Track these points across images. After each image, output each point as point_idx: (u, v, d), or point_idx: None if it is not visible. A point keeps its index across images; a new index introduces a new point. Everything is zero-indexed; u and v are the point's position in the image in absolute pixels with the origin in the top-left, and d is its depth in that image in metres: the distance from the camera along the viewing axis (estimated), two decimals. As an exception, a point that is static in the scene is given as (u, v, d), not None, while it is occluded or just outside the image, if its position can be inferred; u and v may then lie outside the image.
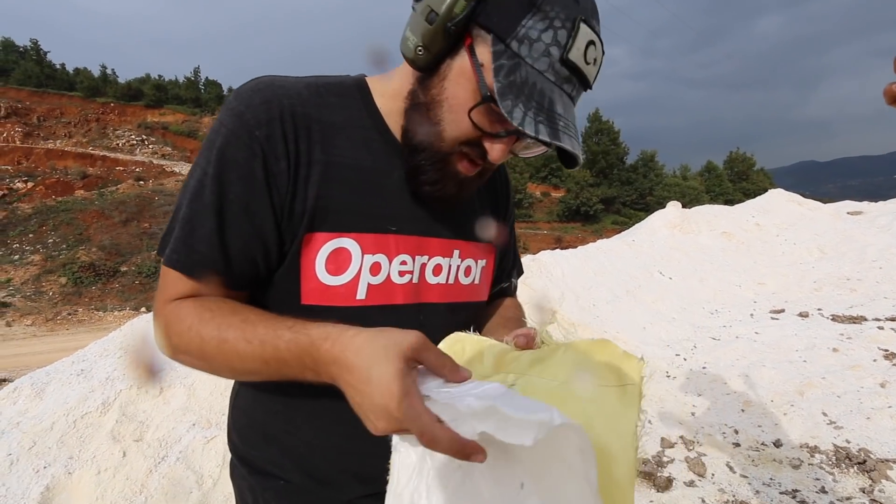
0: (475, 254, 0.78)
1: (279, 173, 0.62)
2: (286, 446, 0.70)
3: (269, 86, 0.64)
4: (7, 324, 15.34)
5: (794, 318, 4.22)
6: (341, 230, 0.64)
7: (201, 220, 0.61)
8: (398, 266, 0.68)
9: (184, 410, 2.33)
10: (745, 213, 6.71)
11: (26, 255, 20.17)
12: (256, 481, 0.72)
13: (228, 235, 0.62)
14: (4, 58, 43.14)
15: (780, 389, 3.02)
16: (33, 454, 2.02)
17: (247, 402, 0.75)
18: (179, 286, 0.62)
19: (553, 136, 0.56)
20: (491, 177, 0.83)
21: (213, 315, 0.60)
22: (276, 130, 0.62)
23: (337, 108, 0.67)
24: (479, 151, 0.63)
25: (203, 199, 0.61)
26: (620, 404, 0.53)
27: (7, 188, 25.47)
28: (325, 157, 0.65)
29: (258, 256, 0.64)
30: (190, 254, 0.61)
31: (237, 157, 0.61)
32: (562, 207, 41.15)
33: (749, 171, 50.30)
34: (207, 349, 0.58)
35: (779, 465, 2.37)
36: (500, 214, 0.86)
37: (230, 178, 0.61)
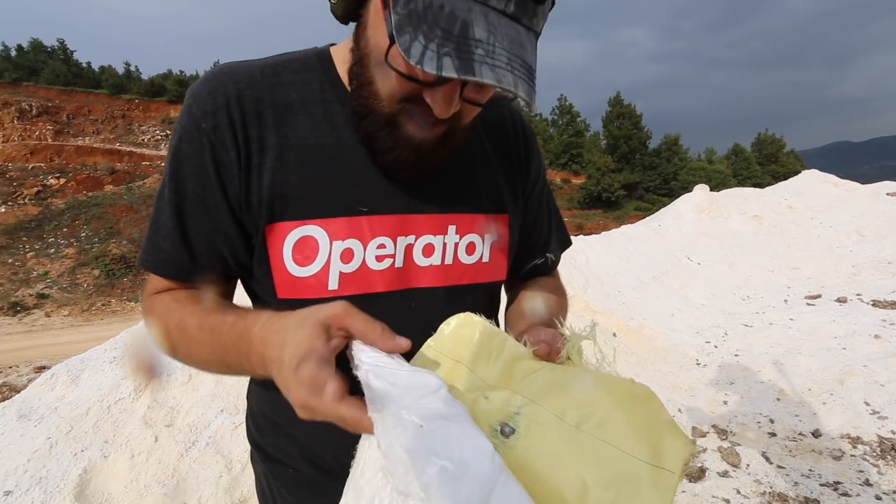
0: (480, 227, 0.67)
1: (229, 164, 0.59)
2: (292, 435, 0.68)
3: (216, 74, 0.61)
4: (46, 314, 16.04)
5: (831, 303, 4.05)
6: (304, 217, 0.59)
7: (163, 219, 0.61)
8: (375, 251, 0.61)
9: (212, 397, 2.37)
10: (778, 195, 6.45)
11: (61, 249, 20.97)
12: (268, 468, 0.71)
13: (190, 232, 0.61)
14: (34, 58, 44.49)
15: (819, 378, 2.90)
16: (71, 438, 2.08)
17: (258, 390, 0.73)
18: (154, 282, 0.64)
19: (464, 69, 0.44)
20: (504, 133, 0.73)
21: (179, 306, 0.60)
22: (222, 120, 0.58)
23: (294, 86, 0.62)
24: (424, 107, 0.53)
25: (164, 198, 0.61)
26: (649, 488, 0.41)
27: (41, 185, 26.45)
28: (280, 140, 0.59)
29: (224, 251, 0.62)
30: (156, 252, 0.62)
31: (189, 152, 0.59)
32: (582, 194, 40.48)
33: (779, 154, 48.52)
34: (172, 338, 0.59)
35: (818, 456, 2.28)
36: (517, 176, 0.73)
37: (185, 175, 0.60)
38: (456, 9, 0.45)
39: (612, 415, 0.44)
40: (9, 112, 33.82)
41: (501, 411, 0.47)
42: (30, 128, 33.52)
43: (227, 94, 0.59)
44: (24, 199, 25.18)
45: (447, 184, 0.65)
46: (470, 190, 0.67)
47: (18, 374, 8.09)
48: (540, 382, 0.48)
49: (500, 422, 0.46)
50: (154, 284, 0.64)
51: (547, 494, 0.41)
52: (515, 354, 0.52)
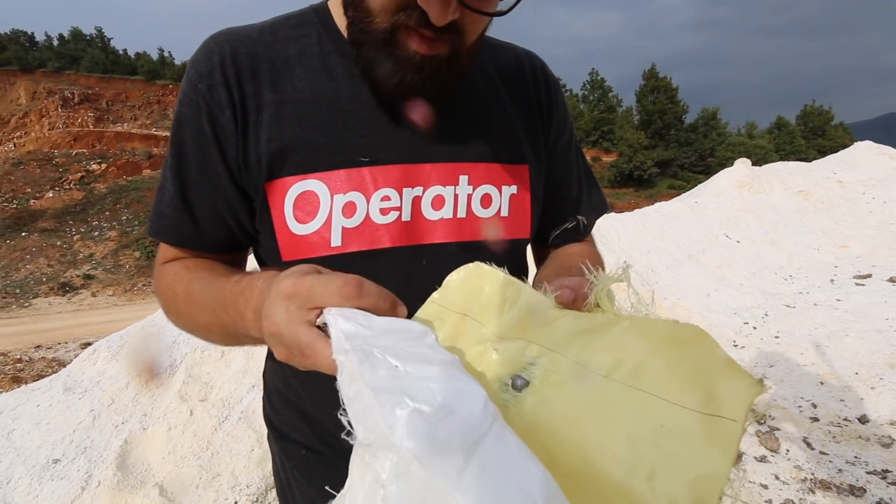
0: (496, 178, 0.62)
1: (225, 123, 0.57)
2: (304, 412, 0.67)
3: (213, 37, 0.60)
4: (92, 294, 16.97)
5: (883, 283, 3.80)
6: (304, 171, 0.57)
7: (167, 186, 0.61)
8: (379, 203, 0.57)
9: (244, 373, 2.43)
10: (826, 169, 6.06)
11: (104, 232, 22.02)
12: (282, 448, 0.70)
13: (191, 197, 0.60)
14: (74, 47, 46.10)
15: (867, 361, 2.74)
16: (112, 411, 2.18)
17: (271, 369, 0.73)
18: (163, 252, 0.64)
19: None
20: (523, 80, 0.69)
21: (188, 272, 0.60)
22: (216, 79, 0.57)
23: (291, 41, 0.60)
24: (420, 17, 0.49)
25: (167, 165, 0.61)
26: (703, 442, 0.31)
27: (84, 170, 27.68)
28: (277, 95, 0.58)
29: (226, 215, 0.61)
30: (160, 219, 0.61)
31: (188, 115, 0.59)
32: (613, 172, 39.34)
33: (826, 127, 45.70)
34: (179, 304, 0.59)
35: (865, 443, 2.17)
36: (538, 125, 0.68)
37: (184, 139, 0.59)
38: None
39: (651, 360, 0.35)
40: (53, 100, 35.36)
41: (514, 363, 0.40)
42: (72, 115, 35.03)
43: (222, 53, 0.58)
44: (69, 184, 26.47)
45: (457, 131, 0.61)
46: (483, 138, 0.63)
47: (66, 350, 8.60)
48: (561, 330, 0.40)
49: (511, 374, 0.39)
50: (163, 254, 0.64)
51: (566, 456, 0.34)
52: (533, 304, 0.43)
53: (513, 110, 0.66)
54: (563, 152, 0.72)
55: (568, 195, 0.72)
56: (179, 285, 0.59)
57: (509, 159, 0.64)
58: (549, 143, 0.69)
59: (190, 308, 0.58)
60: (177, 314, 0.61)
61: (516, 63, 0.70)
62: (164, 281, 0.62)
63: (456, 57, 0.54)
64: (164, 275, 0.62)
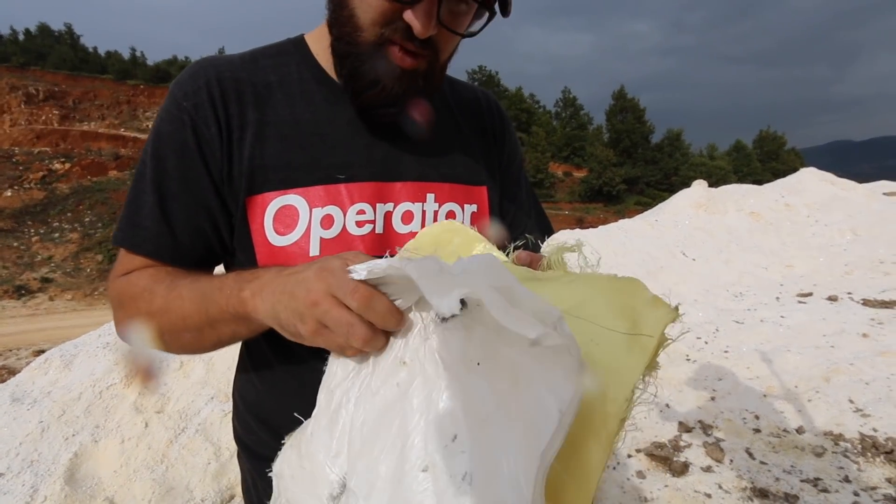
0: (459, 197, 0.70)
1: (211, 139, 0.61)
2: (277, 427, 0.67)
3: (199, 62, 0.65)
4: (50, 298, 16.19)
5: (822, 301, 4.05)
6: (284, 187, 0.61)
7: (144, 198, 0.61)
8: (355, 216, 0.63)
9: (202, 384, 2.40)
10: (775, 192, 6.42)
11: (65, 234, 21.08)
12: (253, 466, 0.71)
13: (171, 209, 0.61)
14: (41, 42, 44.34)
15: (806, 375, 2.92)
16: (63, 422, 2.12)
17: (242, 386, 0.74)
18: (127, 262, 0.63)
19: None
20: (478, 112, 0.77)
21: (167, 274, 0.60)
22: (202, 98, 0.61)
23: (272, 69, 0.65)
24: (405, 31, 0.56)
25: (144, 177, 0.61)
26: (624, 352, 0.41)
27: (47, 169, 26.49)
28: (259, 116, 0.62)
29: (206, 227, 0.62)
30: (136, 231, 0.61)
31: (169, 130, 0.61)
32: (584, 187, 40.41)
33: (780, 151, 48.43)
34: (156, 301, 0.58)
35: (801, 453, 2.31)
36: (493, 152, 0.76)
37: (165, 153, 0.61)
38: None
39: (591, 299, 0.44)
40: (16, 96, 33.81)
41: None
42: (36, 112, 33.56)
43: (208, 75, 0.62)
44: (29, 183, 25.28)
45: (425, 154, 0.68)
46: (447, 161, 0.70)
47: (18, 357, 8.18)
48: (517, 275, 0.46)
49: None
50: (127, 264, 0.63)
51: None
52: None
53: (471, 138, 0.74)
54: (515, 179, 0.80)
55: (518, 217, 0.80)
56: (160, 287, 0.58)
57: (470, 181, 0.71)
58: (501, 168, 0.77)
59: (171, 306, 0.57)
60: (149, 313, 0.59)
61: (474, 98, 0.79)
62: (135, 286, 0.60)
63: (431, 73, 0.61)
64: (133, 280, 0.61)
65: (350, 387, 0.44)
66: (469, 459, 0.36)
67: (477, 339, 0.39)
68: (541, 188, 37.61)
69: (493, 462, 0.36)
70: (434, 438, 0.37)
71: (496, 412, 0.37)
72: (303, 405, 0.65)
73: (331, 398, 0.44)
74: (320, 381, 0.65)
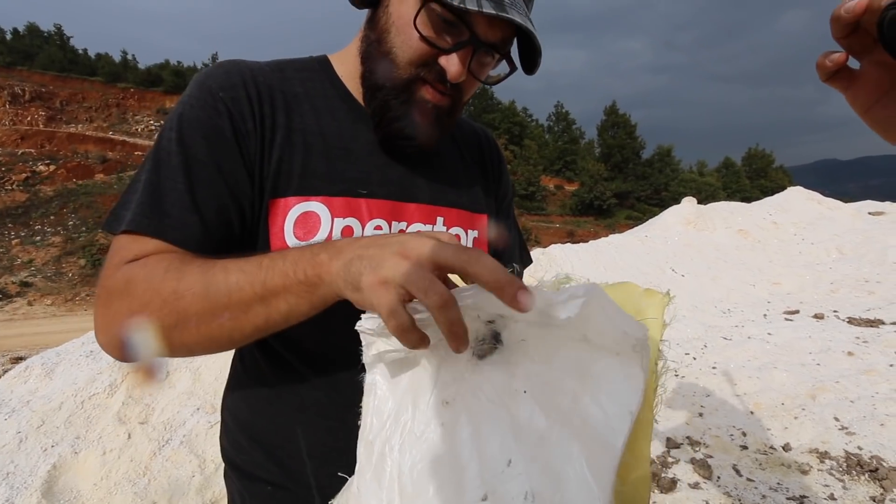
0: (464, 222, 0.74)
1: (248, 133, 0.61)
2: (271, 447, 0.67)
3: (230, 62, 0.66)
4: (28, 303, 15.83)
5: (808, 319, 4.12)
6: (308, 193, 0.62)
7: (170, 184, 0.57)
8: (372, 231, 0.65)
9: (188, 395, 2.36)
10: (763, 210, 6.55)
11: (47, 237, 20.70)
12: (244, 486, 0.69)
13: (202, 196, 0.58)
14: (29, 42, 43.93)
15: (792, 392, 2.95)
16: (41, 433, 2.06)
17: (234, 404, 0.72)
18: (139, 247, 0.55)
19: (498, 8, 0.56)
20: (477, 146, 0.82)
21: (195, 256, 0.55)
22: (240, 93, 0.61)
23: (298, 81, 0.67)
24: (437, 72, 0.61)
25: (169, 163, 0.58)
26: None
27: (30, 171, 26.09)
28: (289, 122, 0.64)
29: (234, 217, 0.60)
30: (161, 218, 0.56)
31: (201, 117, 0.59)
32: (575, 201, 40.81)
33: (768, 169, 49.53)
34: (188, 280, 0.50)
35: (787, 470, 2.32)
36: (490, 186, 0.82)
37: (196, 139, 0.58)
38: None
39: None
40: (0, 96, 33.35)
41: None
42: (21, 113, 33.13)
43: (243, 75, 0.63)
44: (11, 184, 24.84)
45: (435, 180, 0.71)
46: (455, 188, 0.74)
47: (-4, 363, 7.96)
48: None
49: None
50: (135, 251, 0.55)
51: None
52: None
53: (473, 169, 0.79)
54: (506, 212, 0.85)
55: (507, 247, 0.84)
56: (190, 265, 0.52)
57: (473, 208, 0.76)
58: (497, 199, 0.83)
59: (214, 276, 0.50)
60: (171, 296, 0.50)
61: (473, 132, 0.84)
62: (152, 268, 0.52)
63: (454, 109, 0.66)
64: (151, 263, 0.53)
65: (390, 435, 0.44)
66: (528, 479, 0.39)
67: (521, 371, 0.42)
68: (532, 201, 37.92)
69: (556, 475, 0.39)
70: (489, 467, 0.40)
71: (551, 430, 0.40)
72: (302, 426, 0.65)
73: (371, 450, 0.45)
74: (319, 401, 0.65)
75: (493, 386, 0.42)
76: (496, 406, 0.42)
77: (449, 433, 0.42)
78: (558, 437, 0.40)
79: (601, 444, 0.40)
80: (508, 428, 0.41)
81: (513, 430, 0.41)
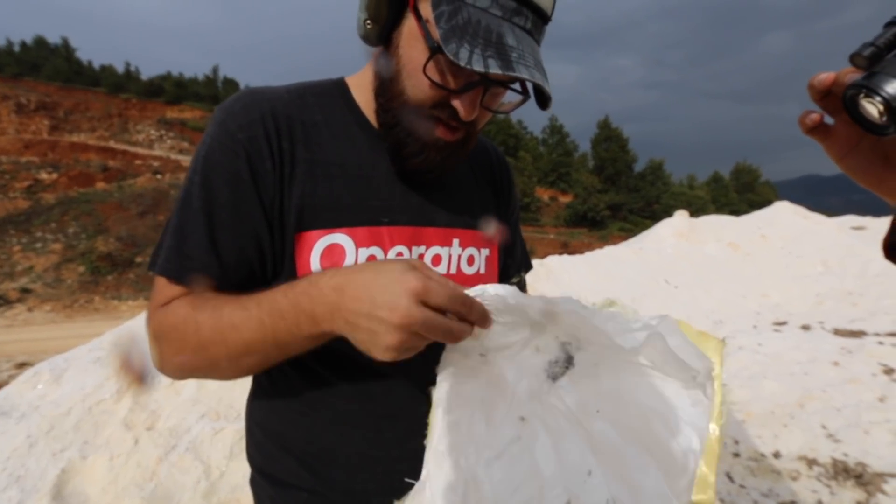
0: (477, 242, 0.75)
1: (265, 173, 0.62)
2: (305, 456, 0.68)
3: (249, 93, 0.66)
4: (28, 309, 15.73)
5: (796, 330, 4.20)
6: (332, 226, 0.63)
7: (192, 227, 0.61)
8: (394, 258, 0.66)
9: (194, 402, 2.41)
10: (752, 224, 6.66)
11: (48, 244, 20.63)
12: (276, 493, 0.69)
13: (221, 240, 0.61)
14: (36, 54, 44.12)
15: (782, 401, 3.02)
16: (51, 438, 2.10)
17: (263, 415, 0.72)
18: (170, 293, 0.61)
19: (505, 67, 0.55)
20: (489, 165, 0.84)
21: (206, 300, 0.59)
22: (258, 131, 0.62)
23: (317, 108, 0.68)
24: (450, 112, 0.62)
25: (192, 206, 0.61)
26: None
27: (33, 179, 26.04)
28: (309, 155, 0.65)
29: (253, 259, 0.63)
30: (183, 261, 0.60)
31: (221, 160, 0.61)
32: (569, 212, 41.04)
33: (755, 183, 50.18)
34: (203, 332, 0.57)
35: (777, 477, 2.39)
36: (500, 204, 0.84)
37: (217, 184, 0.61)
38: (490, 24, 0.56)
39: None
40: (6, 105, 33.43)
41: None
42: (26, 122, 33.19)
43: (262, 109, 0.63)
44: (14, 192, 24.79)
45: (450, 202, 0.73)
46: (468, 209, 0.76)
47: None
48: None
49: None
50: (166, 294, 0.62)
51: None
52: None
53: (485, 188, 0.81)
54: (514, 225, 0.88)
55: (514, 259, 0.88)
56: (202, 315, 0.57)
57: (485, 228, 0.77)
58: (507, 217, 0.85)
59: (221, 331, 0.56)
60: (197, 344, 0.58)
61: (485, 152, 0.85)
62: (177, 315, 0.59)
63: (468, 141, 0.68)
64: (173, 309, 0.60)
65: (465, 446, 0.48)
66: (608, 488, 0.44)
67: (593, 392, 0.47)
68: (527, 212, 38.06)
69: (635, 487, 0.44)
70: (570, 477, 0.44)
71: (626, 446, 0.45)
72: (337, 437, 0.68)
73: (442, 459, 0.47)
74: (354, 411, 0.66)
75: (567, 405, 0.47)
76: (572, 423, 0.46)
77: (528, 446, 0.46)
78: (634, 453, 0.45)
79: (675, 463, 0.44)
80: (586, 443, 0.45)
81: (590, 444, 0.45)
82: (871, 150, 0.45)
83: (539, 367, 0.52)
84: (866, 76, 0.39)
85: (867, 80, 0.38)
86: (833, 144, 0.47)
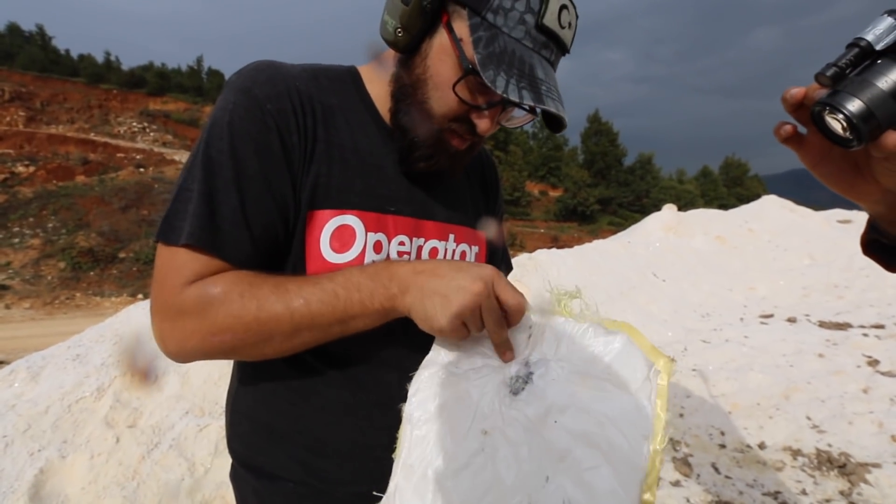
0: (469, 239, 0.79)
1: (293, 147, 0.62)
2: (294, 446, 0.67)
3: (270, 65, 0.65)
4: (6, 306, 15.35)
5: (782, 323, 4.26)
6: (345, 207, 0.65)
7: (223, 197, 0.58)
8: (397, 246, 0.69)
9: (177, 398, 2.36)
10: (739, 218, 6.74)
11: (26, 239, 20.13)
12: (263, 485, 0.68)
13: (252, 212, 0.60)
14: (9, 42, 42.86)
15: (767, 393, 3.06)
16: (28, 437, 2.05)
17: (248, 406, 0.71)
18: (198, 266, 0.58)
19: (537, 99, 0.59)
20: (479, 165, 0.88)
21: (259, 276, 0.59)
22: (286, 105, 0.62)
23: (332, 91, 0.68)
24: (468, 126, 0.65)
25: (219, 176, 0.58)
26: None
27: (9, 172, 25.34)
28: (327, 135, 0.66)
29: (280, 234, 0.63)
30: (215, 232, 0.58)
31: (250, 129, 0.60)
32: (559, 206, 41.22)
33: (743, 177, 50.79)
34: (266, 306, 0.56)
35: (763, 467, 2.42)
36: (489, 203, 0.88)
37: (247, 153, 0.59)
38: (523, 55, 0.60)
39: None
40: (-22, 96, 32.46)
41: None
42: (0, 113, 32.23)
43: (287, 83, 0.63)
44: (-12, 186, 24.10)
45: (448, 200, 0.77)
46: (463, 207, 0.80)
47: (-29, 369, 7.71)
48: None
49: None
50: (195, 269, 0.58)
51: None
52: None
53: (475, 187, 0.86)
54: (500, 225, 0.91)
55: (498, 257, 0.91)
56: (261, 289, 0.57)
57: (477, 225, 0.82)
58: (493, 216, 0.89)
59: (289, 304, 0.57)
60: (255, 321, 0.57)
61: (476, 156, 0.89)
62: (228, 291, 0.57)
63: (474, 148, 0.71)
64: (221, 286, 0.57)
65: (431, 459, 0.52)
66: (564, 491, 0.48)
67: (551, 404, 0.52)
68: (517, 206, 38.21)
69: (589, 487, 0.48)
70: (530, 483, 0.48)
71: (582, 452, 0.49)
72: (328, 425, 0.68)
73: (411, 472, 0.53)
74: (343, 400, 0.67)
75: (527, 416, 0.51)
76: (531, 433, 0.50)
77: (491, 457, 0.50)
78: (589, 457, 0.49)
79: (626, 463, 0.48)
80: (544, 451, 0.49)
81: (547, 452, 0.49)
82: (842, 159, 0.48)
83: (501, 382, 0.56)
84: (830, 94, 0.42)
85: (831, 97, 0.42)
86: (807, 153, 0.50)
